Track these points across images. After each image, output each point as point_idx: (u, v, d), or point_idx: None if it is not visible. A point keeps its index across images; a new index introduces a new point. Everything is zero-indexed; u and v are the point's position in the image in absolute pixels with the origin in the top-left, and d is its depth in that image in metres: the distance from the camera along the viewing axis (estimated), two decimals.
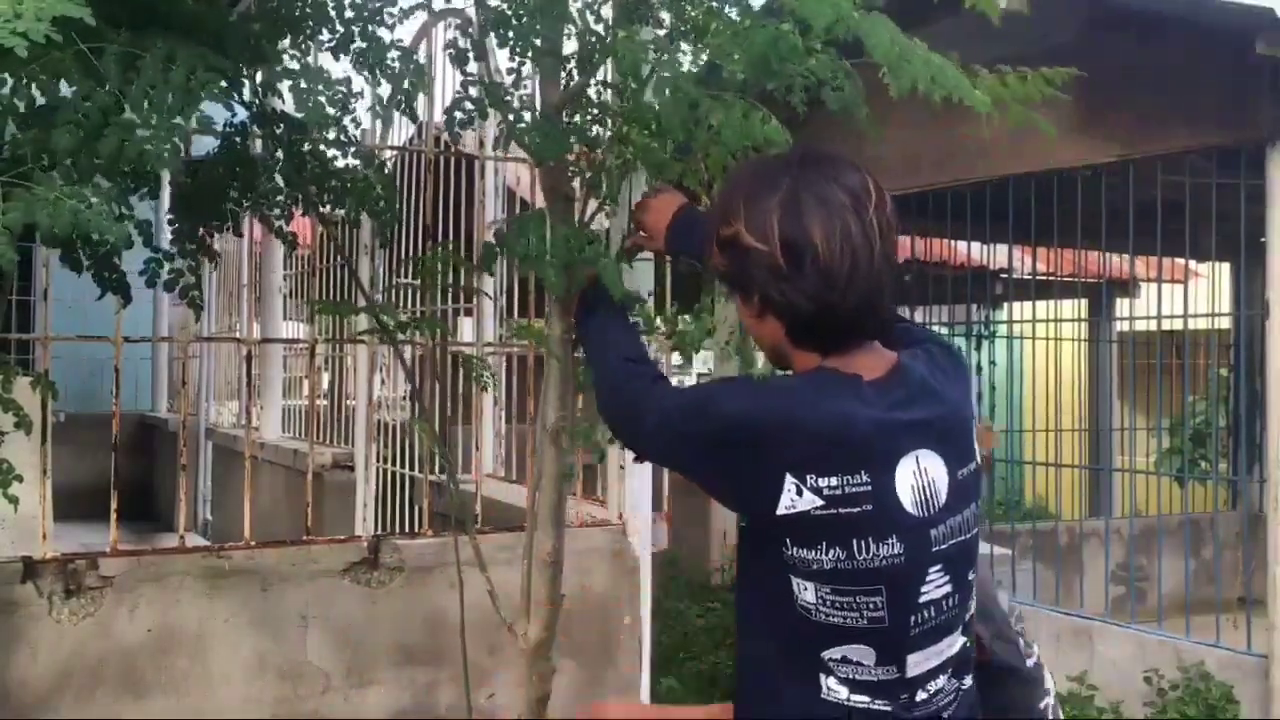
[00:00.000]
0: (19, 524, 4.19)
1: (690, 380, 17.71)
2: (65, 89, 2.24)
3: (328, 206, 3.20)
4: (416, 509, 4.99)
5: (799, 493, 1.56)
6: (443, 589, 4.13)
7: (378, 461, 4.90)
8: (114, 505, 3.94)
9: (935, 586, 1.64)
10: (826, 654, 1.61)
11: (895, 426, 1.61)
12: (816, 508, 1.56)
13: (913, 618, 1.61)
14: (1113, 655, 5.51)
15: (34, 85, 2.20)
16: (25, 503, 3.19)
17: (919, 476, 1.62)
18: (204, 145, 3.17)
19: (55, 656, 3.68)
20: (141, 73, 2.19)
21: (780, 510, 1.57)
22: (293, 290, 7.74)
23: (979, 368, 7.23)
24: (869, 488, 1.58)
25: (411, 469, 5.41)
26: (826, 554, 1.57)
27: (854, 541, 1.57)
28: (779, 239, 1.61)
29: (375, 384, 4.96)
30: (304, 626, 4.04)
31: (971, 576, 1.70)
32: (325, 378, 7.04)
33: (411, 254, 5.50)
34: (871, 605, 1.59)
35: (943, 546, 1.63)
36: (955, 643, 1.69)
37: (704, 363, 17.48)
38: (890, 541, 1.59)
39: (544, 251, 2.45)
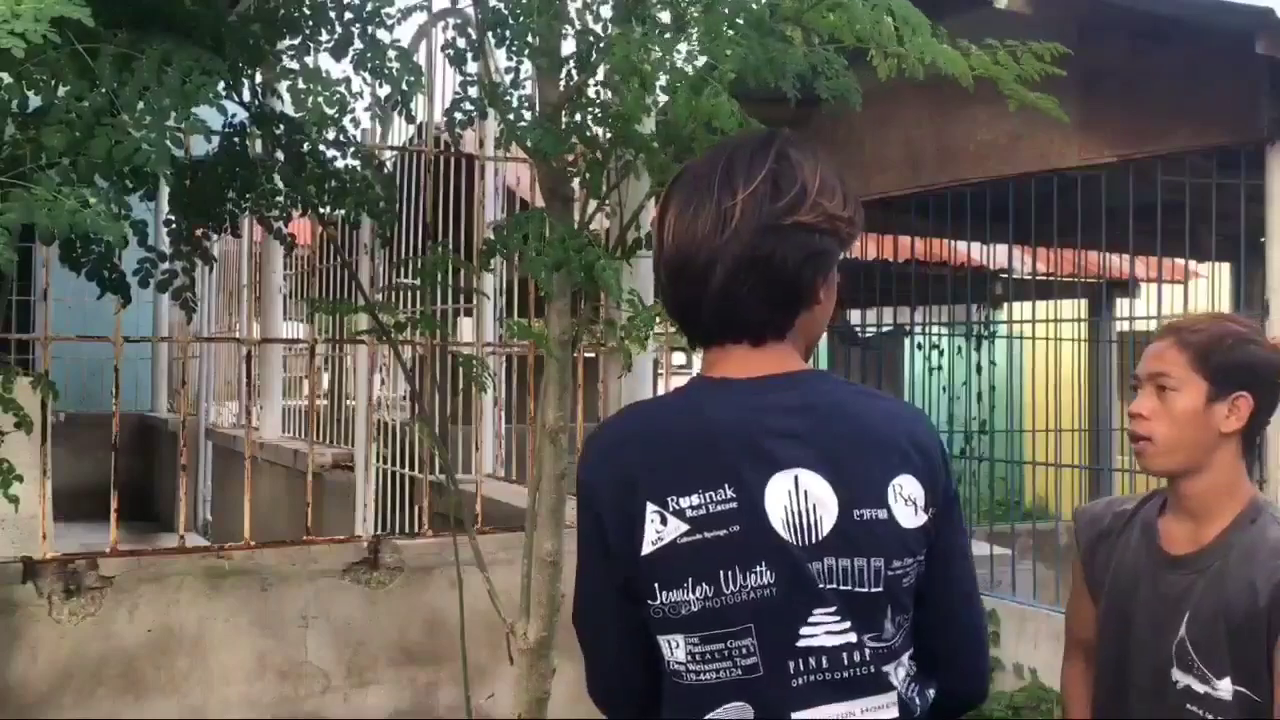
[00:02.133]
0: (19, 524, 4.20)
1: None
2: (61, 90, 2.24)
3: (327, 207, 3.20)
4: (416, 509, 4.99)
5: (663, 521, 1.39)
6: (443, 589, 4.13)
7: (378, 461, 4.90)
8: (114, 505, 3.94)
9: (825, 632, 1.40)
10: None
11: (764, 431, 1.41)
12: (682, 534, 1.38)
13: (791, 664, 1.39)
14: None
15: (28, 86, 2.20)
16: (25, 503, 3.19)
17: (795, 499, 1.40)
18: (204, 146, 3.18)
19: (55, 656, 3.68)
20: (136, 74, 2.19)
21: (645, 549, 1.39)
22: (293, 290, 7.74)
23: (979, 368, 7.23)
24: (734, 504, 1.38)
25: (411, 469, 5.41)
26: (694, 591, 1.38)
27: (721, 573, 1.38)
28: (655, 222, 1.53)
29: (375, 384, 4.96)
30: (304, 626, 4.04)
31: (891, 635, 1.44)
32: (325, 378, 7.04)
33: (411, 254, 5.50)
34: (743, 650, 1.39)
35: (832, 586, 1.40)
36: (881, 708, 1.43)
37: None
38: (759, 569, 1.38)
39: (539, 250, 2.45)
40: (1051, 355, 7.91)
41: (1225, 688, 1.91)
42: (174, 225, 3.12)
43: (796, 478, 1.40)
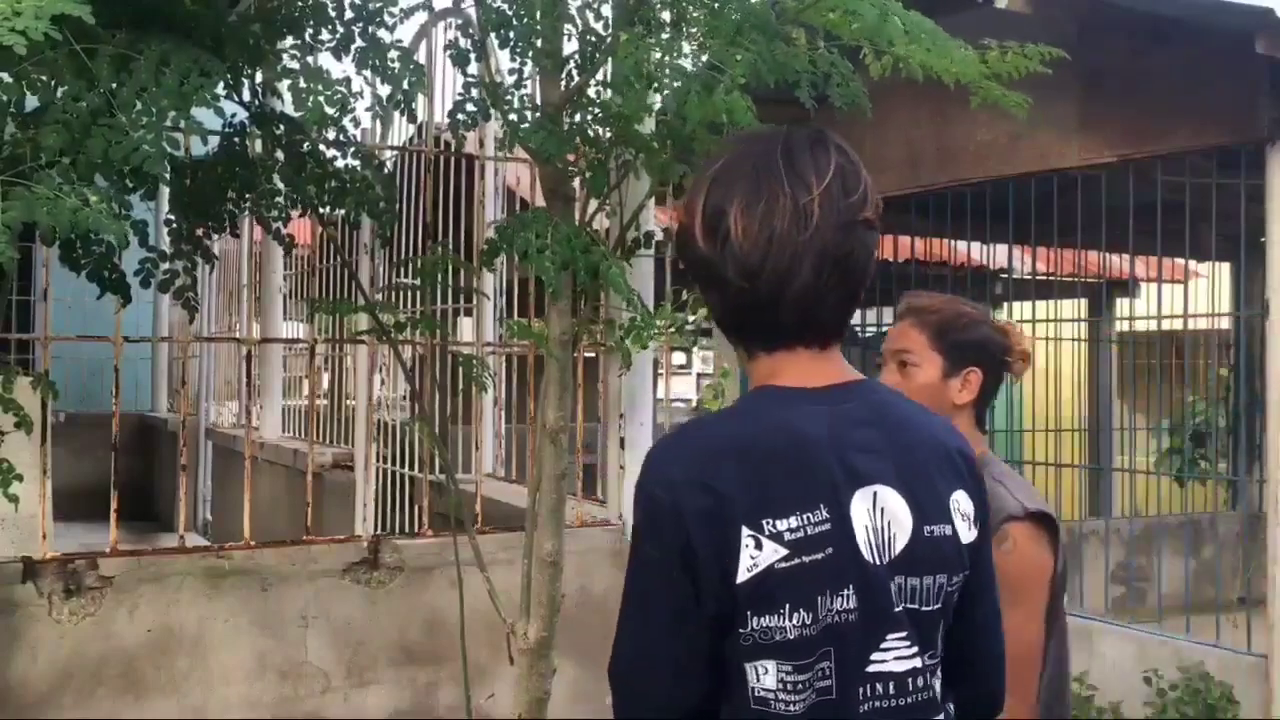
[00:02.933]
0: (19, 524, 4.20)
1: (691, 381, 17.71)
2: (59, 90, 2.24)
3: (327, 207, 3.20)
4: (416, 509, 4.99)
5: (758, 546, 1.30)
6: (443, 589, 4.13)
7: (378, 461, 4.90)
8: (114, 505, 3.94)
9: (895, 657, 1.35)
10: None
11: (848, 446, 1.36)
12: (779, 560, 1.30)
13: (861, 690, 1.34)
14: (1113, 655, 5.51)
15: (28, 87, 2.21)
16: (25, 502, 3.19)
17: (874, 517, 1.35)
18: (204, 146, 3.17)
19: (55, 656, 3.68)
20: (134, 75, 2.19)
21: (741, 576, 1.30)
22: (293, 290, 7.74)
23: None
24: (829, 525, 1.32)
25: (411, 469, 5.41)
26: (790, 618, 1.31)
27: (818, 599, 1.31)
28: (701, 210, 1.40)
29: (375, 384, 4.96)
30: (304, 626, 4.04)
31: (940, 652, 1.41)
32: (325, 378, 7.04)
33: (411, 254, 5.50)
34: (821, 673, 1.33)
35: (903, 607, 1.36)
36: None
37: (704, 362, 17.50)
38: (846, 593, 1.33)
39: (545, 249, 2.45)
40: (1051, 355, 7.92)
41: None
42: (174, 225, 3.12)
43: (875, 494, 1.36)
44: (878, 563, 1.34)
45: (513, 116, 2.67)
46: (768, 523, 1.31)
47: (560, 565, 2.90)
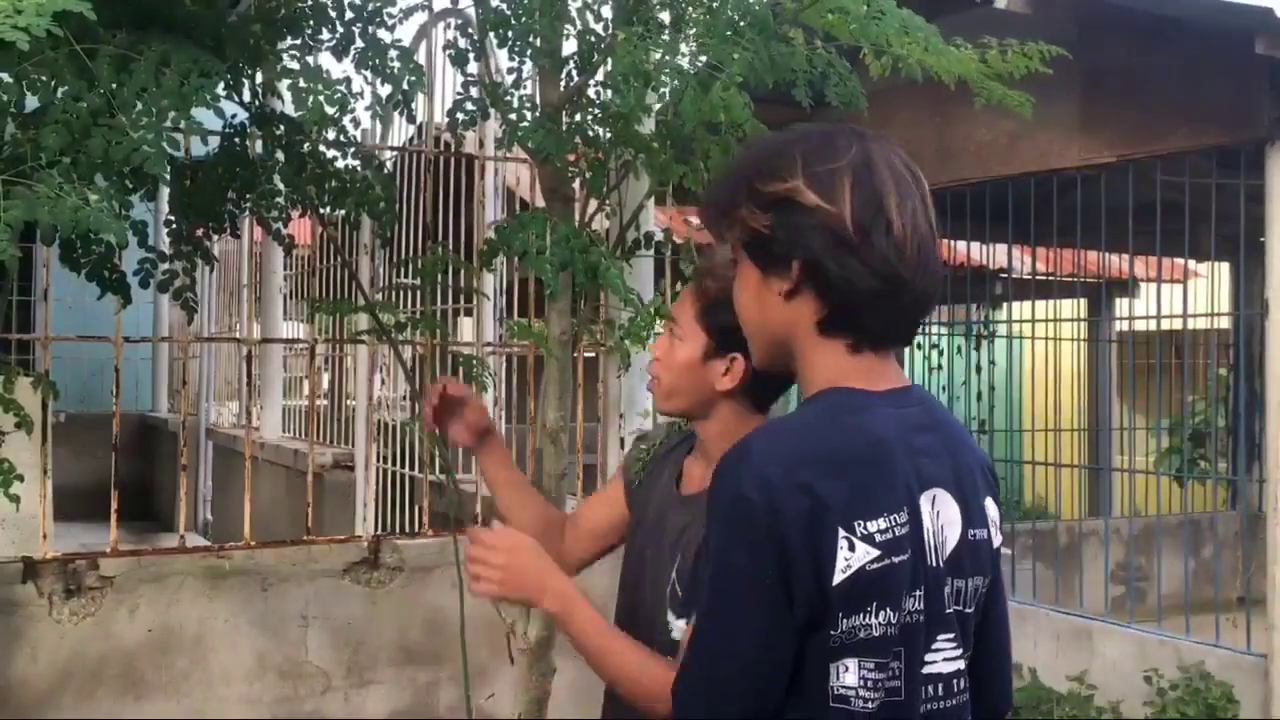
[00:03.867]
0: (19, 524, 4.20)
1: None
2: (59, 91, 2.25)
3: (327, 207, 3.20)
4: (416, 509, 4.99)
5: (851, 548, 1.31)
6: (443, 589, 4.13)
7: (378, 461, 4.90)
8: (114, 505, 3.94)
9: (944, 658, 1.40)
10: None
11: (916, 450, 1.40)
12: (870, 561, 1.32)
13: (924, 690, 1.37)
14: (1112, 655, 5.51)
15: (28, 88, 2.21)
16: (26, 502, 3.19)
17: (934, 519, 1.39)
18: (204, 146, 3.17)
19: (55, 656, 3.68)
20: (134, 75, 2.19)
21: (836, 578, 1.31)
22: (293, 290, 7.74)
23: (978, 368, 7.23)
24: (909, 528, 1.35)
25: (411, 469, 5.41)
26: (876, 616, 1.33)
27: (901, 599, 1.34)
28: (850, 201, 1.37)
29: (375, 384, 4.96)
30: (304, 626, 4.04)
31: (967, 660, 1.44)
32: (325, 378, 7.04)
33: (411, 254, 5.50)
34: (892, 673, 1.35)
35: (951, 609, 1.40)
36: None
37: None
38: (918, 594, 1.36)
39: (544, 249, 2.46)
40: (1051, 355, 7.92)
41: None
42: (174, 225, 3.12)
43: (935, 497, 1.39)
44: (937, 565, 1.38)
45: (512, 116, 2.67)
46: (859, 524, 1.32)
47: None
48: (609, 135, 2.72)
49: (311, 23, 2.84)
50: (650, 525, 2.02)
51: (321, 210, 3.22)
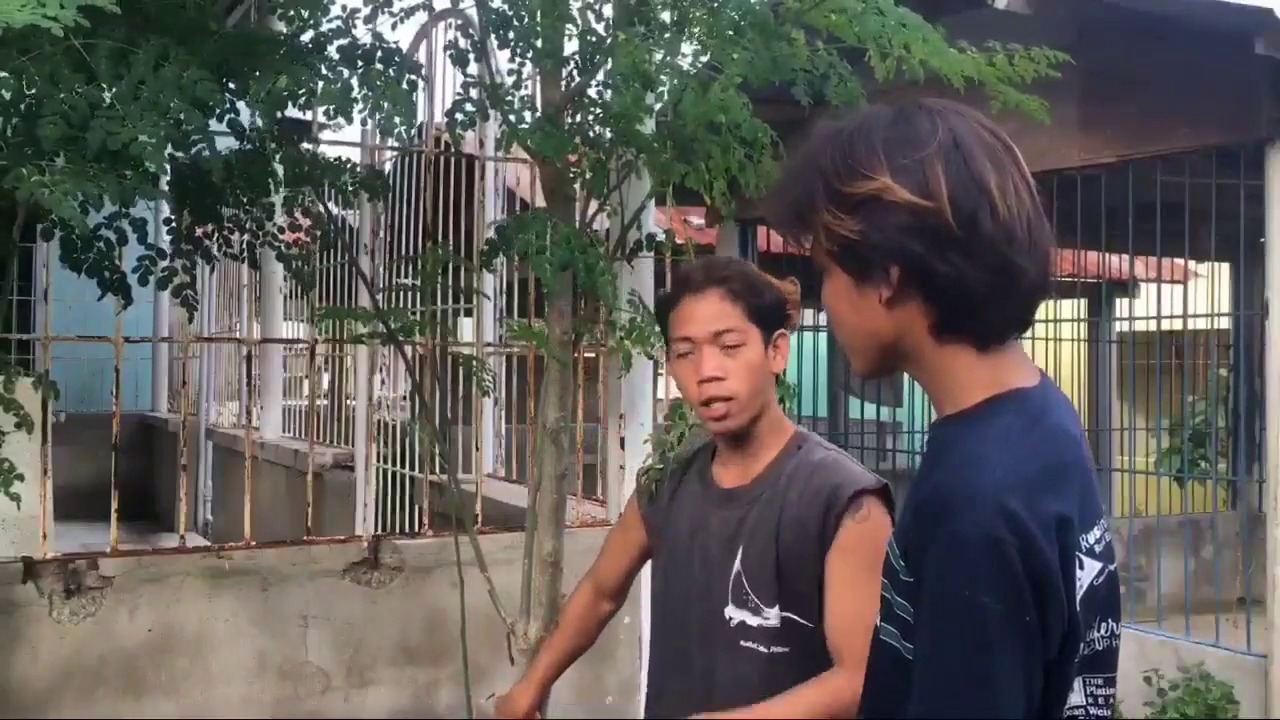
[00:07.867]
0: (20, 524, 4.20)
1: None
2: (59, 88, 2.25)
3: (329, 201, 3.20)
4: (416, 509, 4.99)
5: (1082, 566, 1.23)
6: (443, 589, 4.13)
7: (378, 461, 4.90)
8: (114, 505, 3.94)
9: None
10: None
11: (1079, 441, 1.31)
12: (1097, 574, 1.24)
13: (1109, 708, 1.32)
14: None
15: (28, 85, 2.21)
16: (26, 502, 3.20)
17: None
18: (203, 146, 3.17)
19: (55, 656, 3.68)
20: (132, 68, 2.20)
21: (1077, 597, 1.22)
22: (293, 290, 7.73)
23: None
24: (1109, 536, 1.29)
25: (411, 469, 5.41)
26: (1099, 629, 1.26)
27: (1120, 607, 1.29)
28: (948, 192, 1.22)
29: (375, 384, 4.96)
30: (304, 626, 4.04)
31: None
32: (325, 378, 7.04)
33: (411, 254, 5.50)
34: (1112, 683, 1.31)
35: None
36: None
37: None
38: (1117, 604, 1.31)
39: (544, 249, 2.46)
40: (1051, 355, 7.92)
41: (774, 615, 1.94)
42: (174, 224, 3.12)
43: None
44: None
45: (512, 117, 2.67)
46: (1083, 538, 1.24)
47: (561, 566, 2.90)
48: (610, 135, 2.72)
49: (311, 25, 2.84)
50: (689, 530, 2.07)
51: (321, 210, 3.22)
